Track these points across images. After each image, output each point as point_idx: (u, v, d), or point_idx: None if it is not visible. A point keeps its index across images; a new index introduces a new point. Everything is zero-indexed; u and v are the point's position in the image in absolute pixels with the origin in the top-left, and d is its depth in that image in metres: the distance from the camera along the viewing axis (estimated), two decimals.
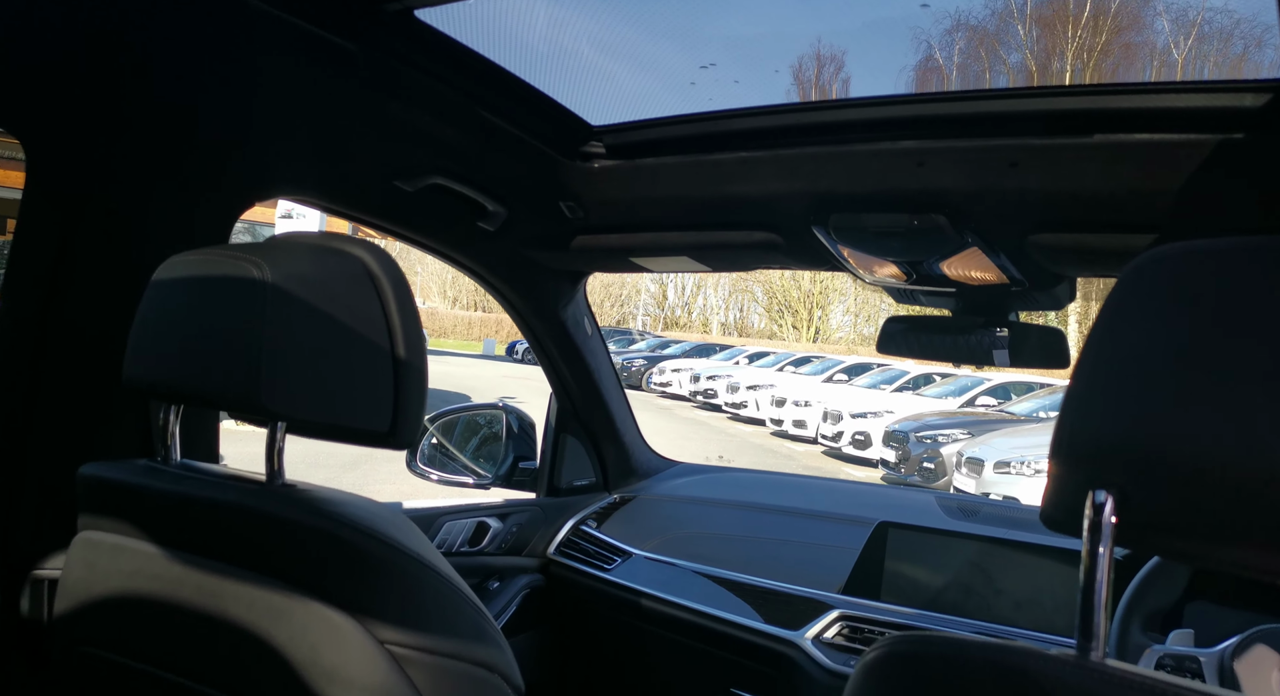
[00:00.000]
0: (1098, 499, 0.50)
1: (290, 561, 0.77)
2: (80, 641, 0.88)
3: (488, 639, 0.83)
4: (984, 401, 11.75)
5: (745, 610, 1.62)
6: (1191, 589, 1.27)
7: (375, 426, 0.83)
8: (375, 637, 0.75)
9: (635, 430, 2.02)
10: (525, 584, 1.80)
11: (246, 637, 0.77)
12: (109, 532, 0.87)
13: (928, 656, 0.55)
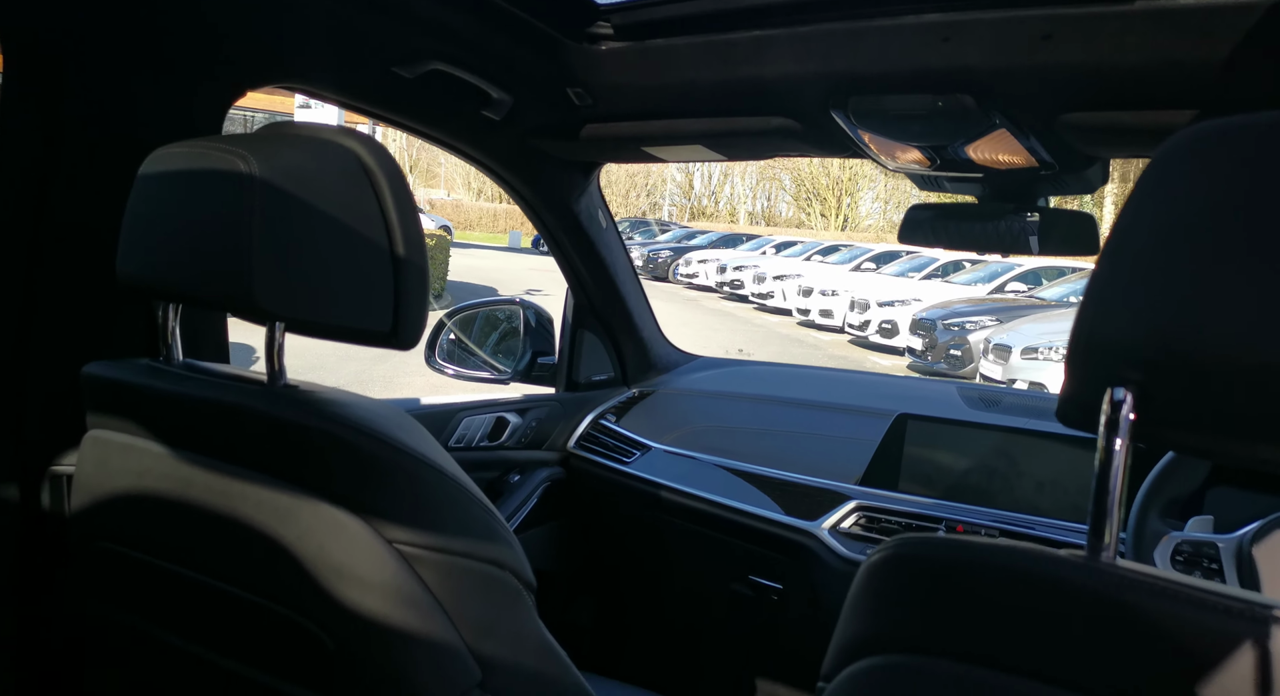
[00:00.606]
0: (1116, 396, 0.48)
1: (294, 462, 0.77)
2: (96, 536, 0.90)
3: (497, 537, 0.83)
4: (1014, 287, 11.60)
5: (764, 502, 1.63)
6: (1214, 475, 1.25)
7: (377, 326, 0.82)
8: (383, 537, 0.75)
9: (653, 324, 2.00)
10: (545, 477, 1.83)
11: (256, 536, 0.77)
12: (116, 432, 0.88)
13: (931, 558, 0.54)
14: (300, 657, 0.80)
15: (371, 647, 0.76)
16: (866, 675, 0.55)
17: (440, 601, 0.77)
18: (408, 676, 0.76)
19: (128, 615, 0.94)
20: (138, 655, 0.96)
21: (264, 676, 0.84)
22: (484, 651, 0.81)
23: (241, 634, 0.84)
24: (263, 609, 0.79)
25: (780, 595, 1.63)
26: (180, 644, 0.89)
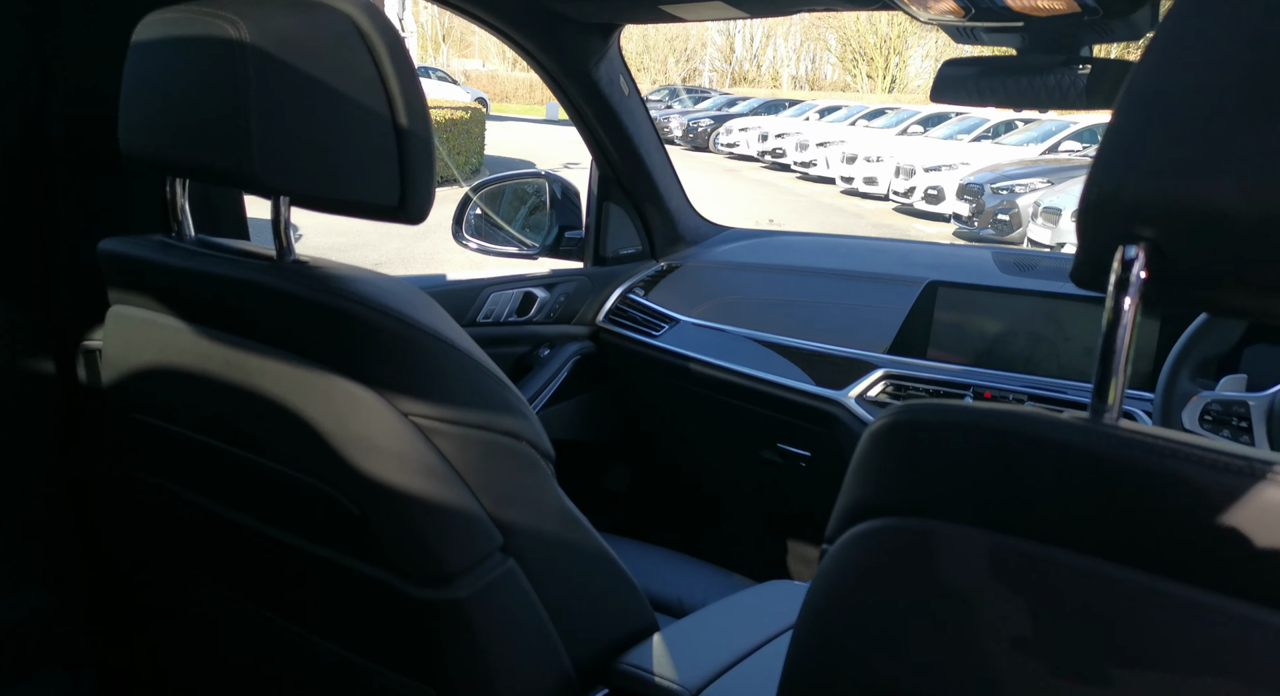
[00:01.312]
0: (1127, 254, 0.46)
1: (306, 337, 0.78)
2: (129, 408, 0.94)
3: (512, 409, 0.84)
4: (1068, 147, 11.12)
5: (792, 371, 1.64)
6: (1251, 333, 1.21)
7: (383, 201, 0.81)
8: (398, 410, 0.77)
9: (681, 195, 1.96)
10: (575, 351, 1.85)
11: (276, 409, 0.80)
12: (136, 308, 0.90)
13: (932, 423, 0.53)
14: (327, 522, 0.84)
15: (394, 514, 0.79)
16: (866, 537, 0.55)
17: (458, 471, 0.80)
18: (430, 540, 0.79)
19: (165, 481, 0.98)
20: (176, 517, 1.01)
21: (293, 538, 0.88)
22: (504, 517, 0.83)
23: (270, 500, 0.88)
24: (288, 477, 0.82)
25: (808, 462, 1.66)
26: (215, 508, 0.94)
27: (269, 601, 0.99)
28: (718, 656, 0.94)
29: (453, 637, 0.83)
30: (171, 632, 1.22)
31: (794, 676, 0.61)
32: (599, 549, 0.95)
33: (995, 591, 0.49)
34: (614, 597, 0.98)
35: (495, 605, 0.83)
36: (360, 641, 0.92)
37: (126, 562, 1.20)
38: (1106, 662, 0.45)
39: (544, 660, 0.90)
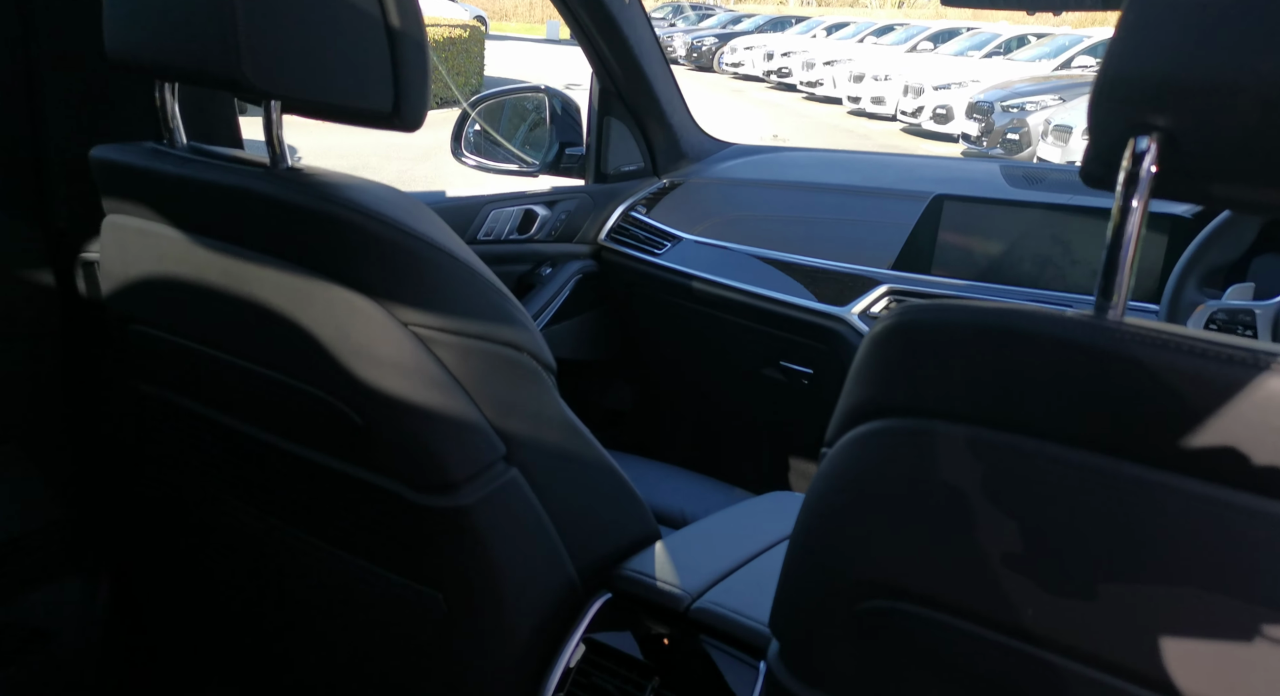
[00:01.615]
0: (1139, 146, 0.44)
1: (301, 246, 0.77)
2: (128, 319, 0.94)
3: (512, 320, 0.84)
4: (1081, 62, 10.84)
5: (795, 289, 1.63)
6: (1260, 242, 1.20)
7: (377, 106, 0.79)
8: (398, 319, 0.76)
9: (684, 110, 1.92)
10: (577, 269, 1.83)
11: (275, 319, 0.79)
12: (131, 216, 0.89)
13: (934, 323, 0.52)
14: (331, 432, 0.85)
15: (397, 424, 0.79)
16: (866, 438, 0.55)
17: (460, 381, 0.80)
18: (434, 449, 0.80)
19: (168, 392, 0.99)
20: (181, 428, 1.02)
21: (299, 448, 0.89)
22: (507, 428, 0.84)
23: (274, 410, 0.88)
24: (291, 387, 0.82)
25: (811, 380, 1.66)
26: (219, 418, 0.94)
27: (277, 510, 1.00)
28: (718, 562, 0.96)
29: (458, 544, 0.84)
30: (183, 540, 1.24)
31: (792, 575, 0.62)
32: (601, 459, 0.96)
33: (992, 488, 0.49)
34: (617, 507, 1.00)
35: (499, 513, 0.85)
36: (368, 548, 0.93)
37: (135, 472, 1.21)
38: (1102, 555, 0.46)
39: (548, 566, 0.92)
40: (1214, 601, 0.43)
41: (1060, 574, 0.47)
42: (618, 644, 0.91)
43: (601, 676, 0.89)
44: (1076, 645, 0.47)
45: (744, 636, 0.85)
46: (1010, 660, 0.50)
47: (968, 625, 0.51)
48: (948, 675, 0.54)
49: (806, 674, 0.62)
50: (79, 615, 1.20)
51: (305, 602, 1.07)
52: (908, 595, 0.53)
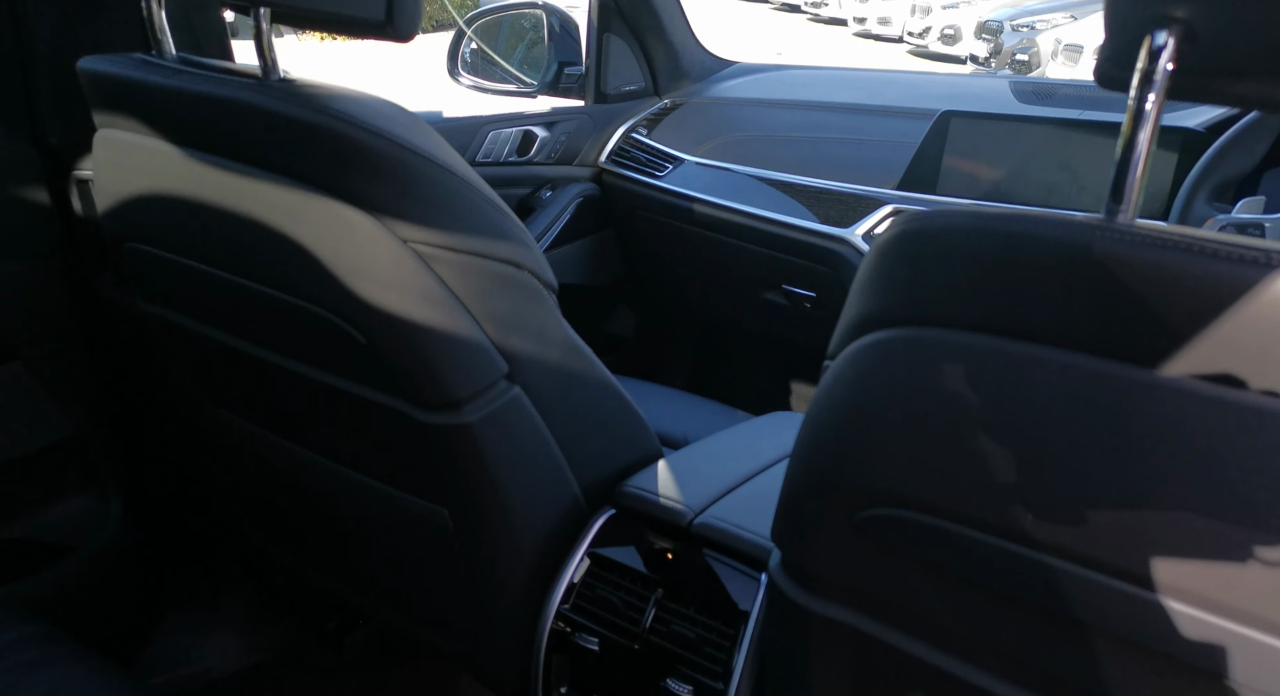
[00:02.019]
0: (1156, 42, 0.43)
1: (295, 158, 0.76)
2: (124, 237, 0.93)
3: (511, 236, 0.83)
4: None
5: (798, 211, 1.60)
6: (1272, 155, 1.17)
7: (370, 15, 0.76)
8: (397, 236, 0.75)
9: (685, 27, 1.86)
10: (578, 192, 1.81)
11: (272, 235, 0.78)
12: (122, 130, 0.87)
13: (941, 228, 0.52)
14: (334, 351, 0.85)
15: (399, 342, 0.79)
16: (869, 348, 0.55)
17: (460, 299, 0.79)
18: (437, 368, 0.80)
19: (168, 312, 0.99)
20: (183, 348, 1.02)
21: (303, 368, 0.89)
22: (509, 346, 0.84)
23: (276, 329, 0.88)
24: (291, 305, 0.82)
25: (813, 303, 1.65)
26: (222, 338, 0.94)
27: (283, 430, 1.01)
28: (720, 479, 0.97)
29: (463, 461, 0.85)
30: (192, 459, 1.26)
31: (793, 486, 0.62)
32: (604, 379, 0.96)
33: (994, 395, 0.49)
34: (620, 426, 1.00)
35: (502, 430, 0.85)
36: (373, 466, 0.94)
37: (142, 391, 1.22)
38: (1104, 460, 0.46)
39: (552, 484, 0.93)
40: (1216, 503, 0.43)
41: (1060, 479, 0.47)
42: (622, 558, 0.92)
43: (606, 588, 0.91)
44: (1075, 548, 0.48)
45: (746, 549, 0.86)
46: (1008, 564, 0.50)
47: (967, 531, 0.52)
48: (945, 580, 0.55)
49: (807, 582, 0.63)
50: (94, 529, 1.22)
51: (314, 514, 1.09)
52: (907, 503, 0.54)
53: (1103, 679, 0.50)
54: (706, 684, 0.83)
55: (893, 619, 0.60)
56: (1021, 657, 0.53)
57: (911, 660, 0.59)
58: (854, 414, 0.56)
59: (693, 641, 0.84)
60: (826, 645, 0.64)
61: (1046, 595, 0.49)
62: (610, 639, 0.89)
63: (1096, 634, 0.49)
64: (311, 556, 1.18)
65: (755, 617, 0.83)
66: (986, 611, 0.54)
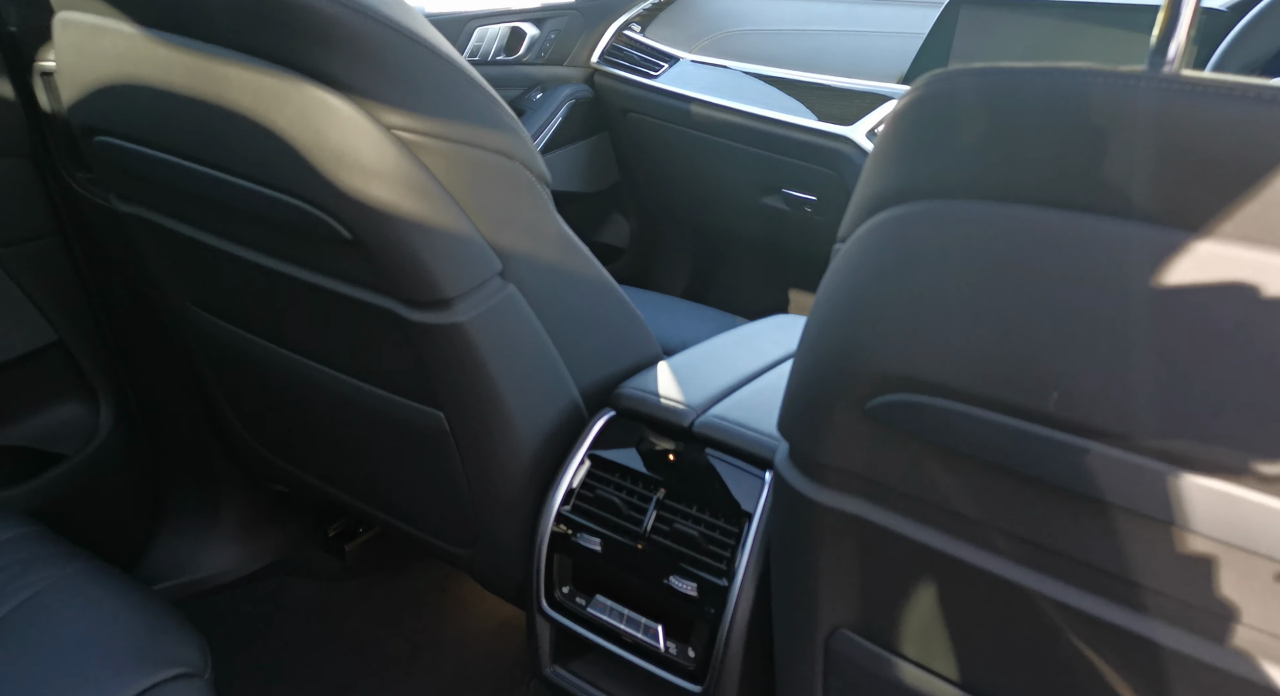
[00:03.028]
0: None
1: (269, 37, 0.71)
2: (94, 129, 0.88)
3: (503, 125, 0.78)
4: None
5: (799, 109, 1.55)
6: None
7: None
8: (379, 122, 0.71)
9: None
10: (569, 94, 1.74)
11: (248, 122, 0.74)
12: (82, 12, 0.82)
13: (967, 89, 0.48)
14: (320, 249, 0.81)
15: (387, 237, 0.75)
16: (887, 225, 0.52)
17: (450, 191, 0.75)
18: (427, 264, 0.76)
19: (145, 211, 0.94)
20: (166, 251, 0.99)
21: (288, 267, 0.85)
22: (502, 242, 0.80)
23: (259, 228, 0.84)
24: (272, 201, 0.78)
25: (814, 207, 1.61)
26: (203, 238, 0.90)
27: (272, 335, 0.98)
28: (723, 379, 0.95)
29: (457, 363, 0.83)
30: (182, 365, 1.23)
31: (802, 373, 0.60)
32: (601, 278, 0.93)
33: (1018, 266, 0.46)
34: (618, 327, 0.98)
35: (497, 330, 0.82)
36: (367, 371, 0.92)
37: (126, 295, 1.18)
38: (1144, 331, 0.43)
39: (550, 386, 0.91)
40: (1256, 375, 0.41)
41: (1091, 353, 0.45)
42: (622, 460, 0.91)
43: (607, 489, 0.89)
44: (1102, 425, 0.45)
45: (749, 448, 0.85)
46: (1030, 445, 0.48)
47: (987, 414, 0.49)
48: (961, 465, 0.53)
49: (815, 473, 0.61)
50: (84, 435, 1.20)
51: (309, 421, 1.07)
52: (923, 387, 0.51)
53: (1123, 559, 0.48)
54: (710, 581, 0.82)
55: (903, 507, 0.58)
56: (1038, 540, 0.52)
57: (922, 549, 0.57)
58: (868, 295, 0.53)
59: (696, 540, 0.83)
60: (834, 537, 0.62)
61: (1068, 474, 0.47)
62: (612, 539, 0.88)
63: (1118, 512, 0.47)
64: (308, 463, 1.16)
65: (759, 515, 0.82)
66: (1003, 494, 0.52)
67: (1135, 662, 0.51)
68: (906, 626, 0.62)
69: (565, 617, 0.94)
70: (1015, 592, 0.54)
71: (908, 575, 0.60)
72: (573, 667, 0.99)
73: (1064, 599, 0.52)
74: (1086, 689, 0.54)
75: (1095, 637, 0.52)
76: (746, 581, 0.81)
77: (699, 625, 0.84)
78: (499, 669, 1.29)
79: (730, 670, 0.82)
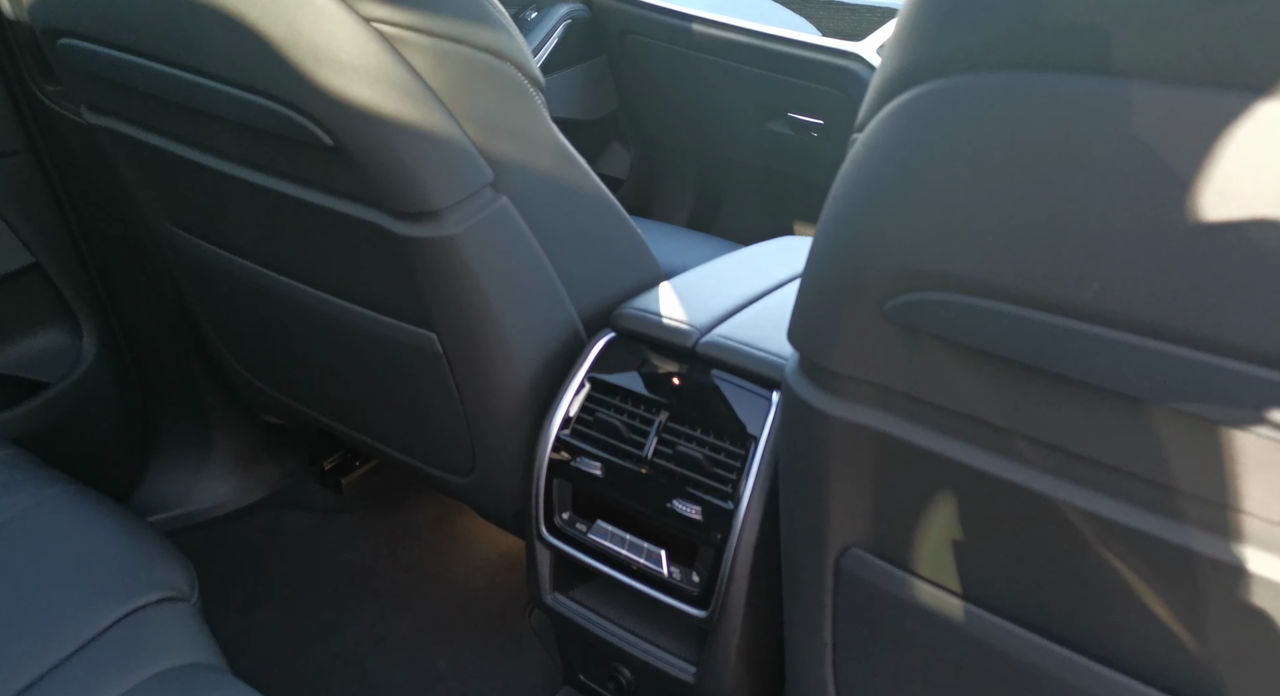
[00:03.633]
0: None
1: None
2: (57, 31, 0.83)
3: (491, 21, 0.73)
4: None
5: (804, 26, 1.48)
6: None
7: None
8: (358, 13, 0.66)
9: None
10: (565, 14, 1.67)
11: (217, 15, 0.69)
12: None
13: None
14: (298, 157, 0.76)
15: (370, 141, 0.70)
16: (909, 106, 0.47)
17: (436, 92, 0.70)
18: (413, 172, 0.72)
19: (117, 123, 0.89)
20: (142, 166, 0.94)
21: (266, 179, 0.81)
22: (493, 150, 0.76)
23: (233, 135, 0.79)
24: (247, 104, 0.73)
25: (821, 132, 1.55)
26: (179, 151, 0.86)
27: (255, 255, 0.94)
28: (728, 299, 0.91)
29: (448, 280, 0.79)
30: (165, 289, 1.19)
31: (816, 276, 0.55)
32: (599, 192, 0.89)
33: (1053, 140, 0.42)
34: (618, 245, 0.93)
35: (490, 245, 0.78)
36: (356, 291, 0.88)
37: (105, 215, 1.14)
38: (1187, 213, 0.39)
39: (547, 306, 0.87)
40: None
41: (1133, 237, 0.41)
42: (623, 382, 0.87)
43: (607, 413, 0.86)
44: (1142, 315, 0.42)
45: (756, 367, 0.81)
46: (1058, 341, 0.44)
47: (1013, 308, 0.46)
48: (986, 367, 0.49)
49: (829, 384, 0.58)
50: (67, 363, 1.16)
51: (298, 347, 1.03)
52: (947, 282, 0.47)
53: (1160, 462, 0.45)
54: (715, 504, 0.79)
55: (922, 417, 0.54)
56: (1067, 446, 0.48)
57: (942, 461, 0.54)
58: (891, 184, 0.49)
59: (700, 463, 0.80)
60: (848, 452, 0.59)
61: (1105, 371, 0.44)
62: (613, 463, 0.85)
63: (1157, 412, 0.44)
64: (300, 393, 1.13)
65: (766, 436, 0.78)
66: (1032, 398, 0.48)
67: (1168, 573, 0.48)
68: (922, 543, 0.59)
69: (565, 544, 0.91)
70: (1040, 504, 0.51)
71: (925, 489, 0.57)
72: (574, 595, 0.97)
73: (1092, 508, 0.49)
74: (1109, 602, 0.52)
75: (1124, 548, 0.49)
76: (753, 504, 0.78)
77: (703, 550, 0.81)
78: (499, 599, 1.28)
79: (736, 594, 0.80)
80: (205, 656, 0.74)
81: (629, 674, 1.01)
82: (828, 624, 0.69)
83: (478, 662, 1.18)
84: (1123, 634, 0.52)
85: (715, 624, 0.82)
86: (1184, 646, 0.50)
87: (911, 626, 0.63)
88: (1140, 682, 0.52)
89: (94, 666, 0.69)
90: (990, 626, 0.58)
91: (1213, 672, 0.49)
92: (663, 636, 0.91)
